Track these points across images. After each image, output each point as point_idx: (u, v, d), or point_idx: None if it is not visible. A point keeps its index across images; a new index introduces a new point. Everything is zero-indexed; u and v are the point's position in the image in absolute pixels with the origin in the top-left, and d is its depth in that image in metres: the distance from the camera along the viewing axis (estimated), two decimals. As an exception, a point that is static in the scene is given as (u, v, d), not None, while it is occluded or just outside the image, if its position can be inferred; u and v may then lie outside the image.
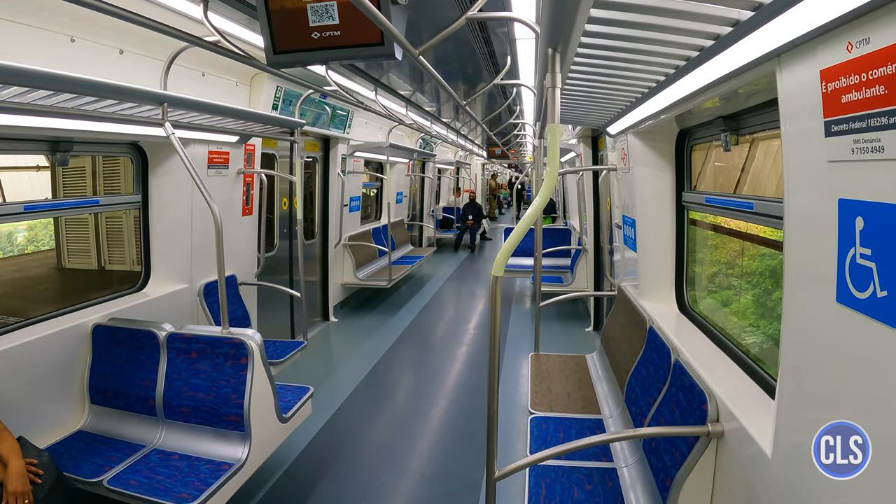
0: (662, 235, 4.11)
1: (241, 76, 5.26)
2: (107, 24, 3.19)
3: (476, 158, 22.86)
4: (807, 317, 1.72)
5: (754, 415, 2.25)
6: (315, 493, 3.93)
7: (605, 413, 3.92)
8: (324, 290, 8.35)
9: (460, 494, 3.95)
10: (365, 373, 6.29)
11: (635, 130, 3.99)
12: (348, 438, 4.76)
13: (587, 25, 1.81)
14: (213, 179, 4.89)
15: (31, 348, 3.34)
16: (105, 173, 4.85)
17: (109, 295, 4.28)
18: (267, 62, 3.03)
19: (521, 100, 8.63)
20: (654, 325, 3.66)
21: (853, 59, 1.34)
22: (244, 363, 3.44)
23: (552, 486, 3.02)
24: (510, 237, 2.04)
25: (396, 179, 11.92)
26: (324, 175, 8.19)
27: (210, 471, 3.19)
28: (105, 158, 4.69)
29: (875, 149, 1.29)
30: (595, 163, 7.37)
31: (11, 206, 3.53)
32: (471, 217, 15.97)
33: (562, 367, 4.77)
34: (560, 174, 8.17)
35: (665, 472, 2.65)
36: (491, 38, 4.86)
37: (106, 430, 3.63)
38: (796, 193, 1.74)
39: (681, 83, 2.49)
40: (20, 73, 2.26)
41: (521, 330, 7.95)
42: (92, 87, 2.62)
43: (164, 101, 3.15)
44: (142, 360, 3.65)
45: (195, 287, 4.81)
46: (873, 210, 1.34)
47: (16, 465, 2.60)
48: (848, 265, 1.45)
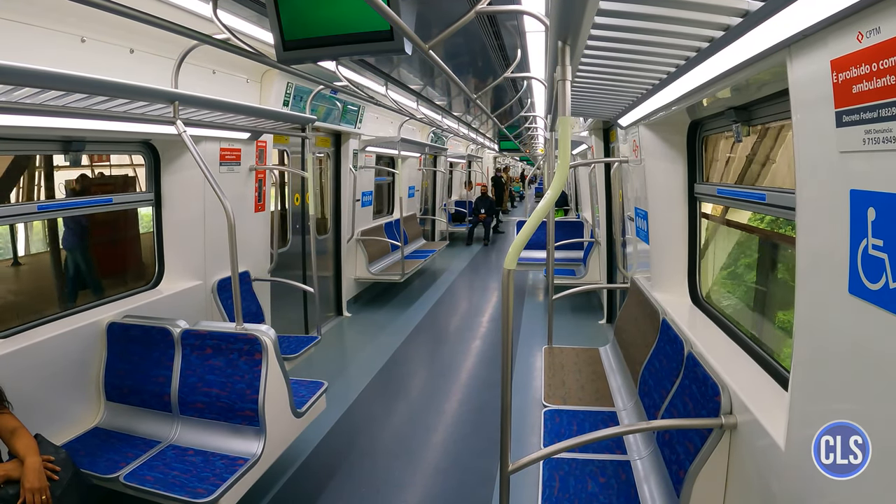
0: (675, 227, 4.08)
1: (252, 73, 5.28)
2: (117, 24, 3.21)
3: (487, 152, 22.82)
4: (819, 308, 1.71)
5: (768, 407, 2.23)
6: (330, 487, 3.95)
7: (619, 406, 3.91)
8: (337, 285, 8.39)
9: (474, 487, 3.96)
10: (379, 367, 6.31)
11: (647, 122, 3.96)
12: (363, 432, 4.78)
13: (597, 18, 1.79)
14: (226, 176, 4.91)
15: (47, 346, 3.39)
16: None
17: (124, 293, 4.32)
18: (277, 59, 3.05)
19: (531, 93, 8.59)
20: (667, 318, 3.64)
21: (864, 49, 1.32)
22: (258, 359, 3.46)
23: (566, 478, 3.03)
24: (522, 230, 2.03)
25: (408, 174, 11.93)
26: (336, 170, 8.21)
27: (225, 466, 3.22)
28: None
29: (887, 139, 1.28)
30: (607, 155, 7.32)
31: (26, 206, 3.57)
32: (483, 210, 15.95)
33: (575, 359, 4.77)
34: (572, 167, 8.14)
35: (678, 464, 2.65)
36: (501, 31, 4.84)
37: (121, 426, 3.67)
38: (808, 184, 1.72)
39: (691, 74, 2.46)
40: (32, 74, 2.28)
41: (535, 323, 7.94)
42: (103, 87, 2.64)
43: (176, 100, 3.16)
44: (156, 356, 3.69)
45: (209, 283, 4.85)
46: (885, 200, 1.32)
47: (33, 462, 2.63)
48: (860, 256, 1.44)
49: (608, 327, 7.38)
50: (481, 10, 2.66)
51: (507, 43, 5.19)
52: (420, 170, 12.83)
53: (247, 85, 5.26)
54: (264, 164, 5.56)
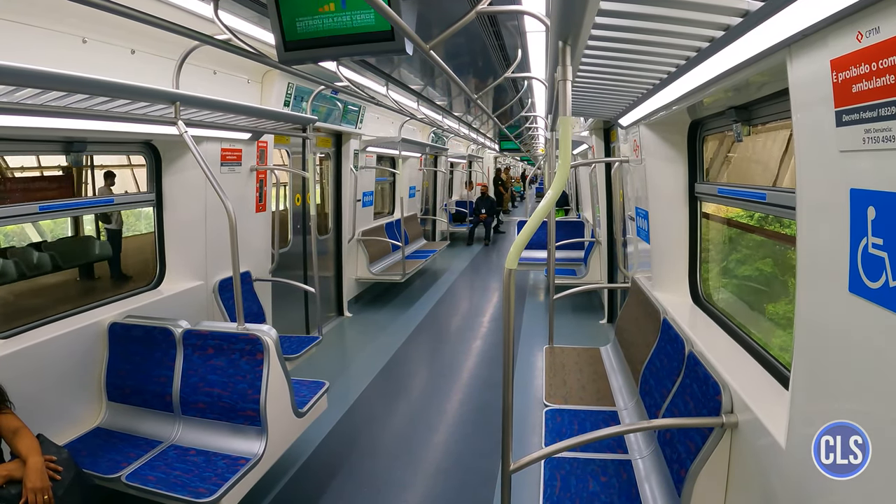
0: (676, 227, 4.09)
1: (253, 73, 5.28)
2: (118, 25, 3.22)
3: (488, 152, 22.80)
4: (820, 307, 1.71)
5: (768, 406, 2.24)
6: (331, 487, 3.96)
7: (620, 405, 3.92)
8: (338, 285, 8.39)
9: (476, 487, 3.96)
10: (380, 367, 6.32)
11: (647, 122, 3.97)
12: (364, 432, 4.78)
13: (597, 18, 1.80)
14: (227, 176, 4.92)
15: (49, 347, 3.39)
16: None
17: (125, 293, 4.33)
18: (278, 59, 3.05)
19: (532, 93, 8.59)
20: (667, 317, 3.64)
21: (863, 49, 1.33)
22: (260, 359, 3.47)
23: (567, 478, 3.03)
24: (523, 230, 2.04)
25: (409, 174, 11.93)
26: (336, 170, 8.21)
27: (227, 465, 3.23)
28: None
29: (886, 138, 1.28)
30: (607, 155, 7.32)
31: (28, 207, 3.57)
32: (484, 210, 15.95)
33: (576, 359, 4.77)
34: (572, 166, 8.14)
35: (680, 463, 2.65)
36: (501, 31, 4.84)
37: (123, 426, 3.68)
38: (808, 183, 1.72)
39: (691, 74, 2.47)
40: (33, 74, 2.29)
41: (536, 323, 7.94)
42: (104, 88, 2.65)
43: (177, 100, 3.17)
44: (158, 356, 3.69)
45: (210, 284, 4.85)
46: (885, 199, 1.33)
47: (35, 462, 2.63)
48: (860, 255, 1.44)
49: (609, 327, 7.37)
50: (482, 10, 2.66)
51: (507, 43, 5.19)
52: (421, 170, 12.82)
53: (248, 85, 5.27)
54: (265, 164, 5.57)
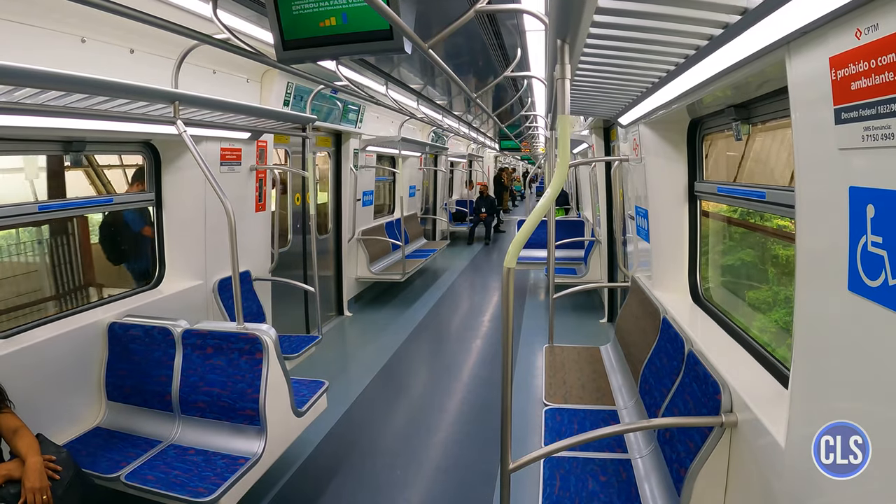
0: (675, 225, 4.08)
1: (252, 73, 5.28)
2: (117, 25, 3.22)
3: (488, 151, 22.80)
4: (819, 305, 1.71)
5: (768, 405, 2.23)
6: (331, 486, 3.96)
7: (620, 404, 3.92)
8: (338, 284, 8.39)
9: (475, 486, 3.96)
10: (380, 366, 6.32)
11: (647, 121, 3.96)
12: (364, 432, 4.79)
13: (595, 16, 1.79)
14: (226, 176, 4.91)
15: (49, 346, 3.39)
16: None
17: (125, 292, 4.32)
18: (277, 59, 3.04)
19: (532, 91, 8.60)
20: (667, 316, 3.64)
21: (862, 46, 1.32)
22: (259, 358, 3.46)
23: (567, 477, 3.03)
24: (522, 228, 2.03)
25: (409, 173, 11.93)
26: (336, 170, 8.21)
27: (226, 465, 3.23)
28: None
29: (885, 136, 1.27)
30: (607, 153, 7.31)
31: (26, 206, 3.57)
32: (484, 210, 15.95)
33: (576, 358, 4.77)
34: (572, 165, 8.13)
35: (679, 462, 2.65)
36: (500, 30, 4.85)
37: (123, 426, 3.68)
38: (807, 182, 1.72)
39: (690, 73, 2.46)
40: (32, 74, 2.28)
41: (536, 322, 7.94)
42: (103, 87, 2.65)
43: (176, 100, 3.17)
44: (157, 356, 3.69)
45: (209, 283, 4.85)
46: (884, 197, 1.32)
47: (34, 462, 2.63)
48: (860, 253, 1.44)
49: (609, 326, 7.38)
50: (481, 8, 2.66)
51: (506, 42, 5.19)
52: (421, 169, 12.83)
53: (247, 85, 5.26)
54: (265, 163, 5.57)
